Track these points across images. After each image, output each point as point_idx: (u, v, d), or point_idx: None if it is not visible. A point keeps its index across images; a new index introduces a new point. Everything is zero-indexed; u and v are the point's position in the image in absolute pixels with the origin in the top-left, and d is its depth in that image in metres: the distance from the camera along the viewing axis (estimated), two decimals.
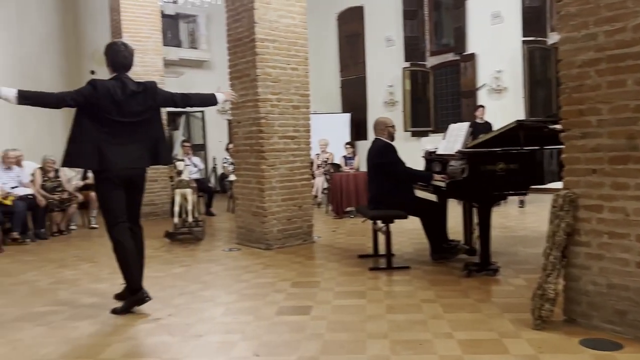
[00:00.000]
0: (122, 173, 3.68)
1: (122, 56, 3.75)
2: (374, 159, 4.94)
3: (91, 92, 3.58)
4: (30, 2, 10.73)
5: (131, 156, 3.72)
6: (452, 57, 11.36)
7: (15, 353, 3.05)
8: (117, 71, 3.74)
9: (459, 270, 4.49)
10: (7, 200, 6.70)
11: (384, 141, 4.96)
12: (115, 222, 3.70)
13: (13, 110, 10.44)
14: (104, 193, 3.74)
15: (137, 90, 3.74)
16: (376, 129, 5.06)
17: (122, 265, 3.72)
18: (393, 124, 5.10)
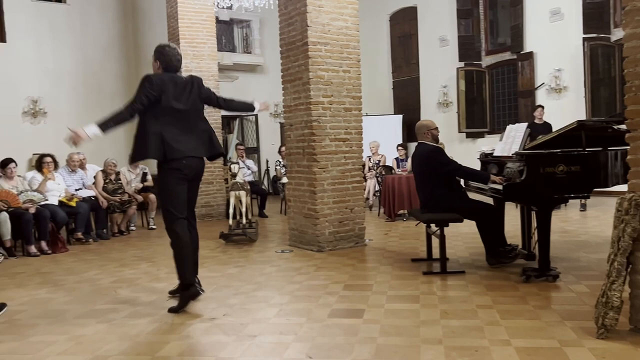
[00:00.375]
0: (187, 162, 3.78)
1: (175, 59, 3.90)
2: (422, 165, 4.85)
3: (150, 86, 3.71)
4: (93, 11, 11.22)
5: (193, 144, 3.82)
6: (509, 56, 11.08)
7: (80, 348, 3.18)
8: (169, 72, 3.89)
9: (517, 275, 4.36)
10: (72, 201, 7.01)
11: (430, 145, 4.85)
12: (176, 217, 3.78)
13: (76, 116, 10.95)
14: (169, 187, 3.78)
15: (187, 80, 3.93)
16: (419, 133, 4.96)
17: (178, 259, 3.80)
18: (436, 126, 4.98)
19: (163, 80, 3.78)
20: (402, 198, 7.98)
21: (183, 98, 3.83)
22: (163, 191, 3.82)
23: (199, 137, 3.90)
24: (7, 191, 6.33)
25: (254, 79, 13.35)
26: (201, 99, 3.99)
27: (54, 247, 6.48)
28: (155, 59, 3.91)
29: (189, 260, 3.82)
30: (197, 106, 3.95)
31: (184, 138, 3.78)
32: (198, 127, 3.92)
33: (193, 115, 3.90)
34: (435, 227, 4.76)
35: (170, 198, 3.78)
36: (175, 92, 3.80)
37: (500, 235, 4.83)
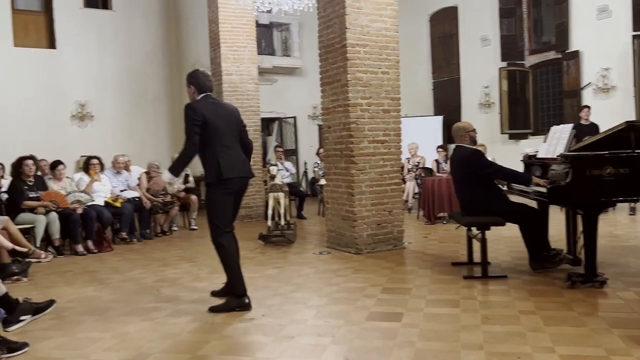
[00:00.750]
0: (237, 181, 3.94)
1: (207, 80, 4.07)
2: (461, 169, 4.76)
3: (194, 113, 3.85)
4: (137, 18, 11.52)
5: (241, 165, 3.99)
6: (554, 56, 10.79)
7: (123, 345, 3.27)
8: (203, 92, 4.04)
9: (562, 281, 4.24)
10: (117, 202, 7.21)
11: (469, 149, 4.76)
12: (223, 230, 3.89)
13: (121, 120, 11.28)
14: (217, 202, 3.90)
15: (225, 103, 4.27)
16: (456, 135, 4.88)
17: (229, 270, 3.94)
18: (474, 128, 4.89)
19: (204, 105, 3.95)
20: (442, 200, 7.88)
21: (225, 119, 4.00)
22: (211, 206, 3.93)
23: (245, 159, 4.09)
24: (56, 192, 6.57)
25: (293, 81, 13.44)
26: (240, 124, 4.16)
27: (99, 246, 6.68)
28: (189, 85, 4.07)
29: (240, 269, 3.96)
30: (239, 127, 4.13)
31: (235, 158, 3.95)
32: (239, 147, 4.08)
33: (236, 136, 4.07)
34: (477, 230, 4.68)
35: (217, 213, 3.90)
36: (218, 113, 3.96)
37: (544, 239, 4.71)
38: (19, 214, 6.22)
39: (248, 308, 3.89)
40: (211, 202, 3.93)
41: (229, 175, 3.85)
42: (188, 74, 4.12)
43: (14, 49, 10.14)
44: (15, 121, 10.00)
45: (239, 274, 3.94)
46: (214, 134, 3.89)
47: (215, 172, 3.85)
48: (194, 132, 3.83)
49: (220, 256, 3.95)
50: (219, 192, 3.89)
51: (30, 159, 6.47)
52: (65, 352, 3.18)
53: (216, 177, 3.85)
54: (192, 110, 3.88)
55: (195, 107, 3.90)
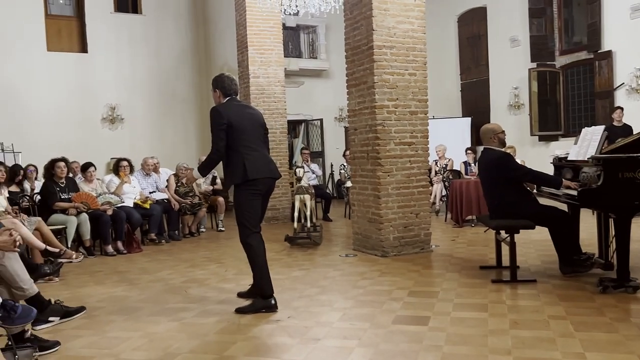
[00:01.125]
0: (264, 182, 3.98)
1: (233, 83, 4.13)
2: (491, 171, 4.68)
3: (219, 116, 3.89)
4: (167, 22, 11.71)
5: (268, 165, 4.03)
6: (585, 56, 10.57)
7: (152, 345, 3.32)
8: (229, 96, 4.10)
9: (593, 285, 4.14)
10: (146, 204, 7.32)
11: (497, 151, 4.68)
12: (251, 231, 3.93)
13: (151, 122, 11.47)
14: (245, 203, 3.93)
15: (248, 106, 4.37)
16: (484, 138, 4.80)
17: (257, 270, 3.95)
18: (502, 130, 4.80)
19: (229, 108, 4.00)
20: (470, 203, 7.78)
21: (250, 121, 4.04)
22: (239, 207, 3.97)
23: (270, 160, 4.14)
24: (87, 193, 6.70)
25: (320, 83, 13.46)
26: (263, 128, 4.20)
27: (129, 247, 6.79)
28: (214, 89, 4.12)
29: (267, 271, 3.98)
30: (262, 129, 4.17)
31: (260, 159, 3.98)
32: (264, 148, 4.14)
33: (260, 138, 4.11)
34: (505, 233, 4.61)
35: (245, 213, 3.93)
36: (243, 116, 4.00)
37: (575, 243, 4.62)
38: (51, 215, 6.37)
39: (274, 309, 3.90)
40: (239, 203, 3.97)
41: (255, 175, 3.89)
42: (213, 79, 4.18)
43: (47, 54, 10.43)
44: (49, 124, 10.28)
45: (266, 275, 3.96)
46: (239, 135, 3.92)
47: (242, 173, 3.88)
48: (220, 137, 3.88)
49: (249, 257, 3.98)
50: (247, 193, 3.92)
51: (62, 161, 6.62)
52: (94, 350, 3.24)
53: (242, 178, 3.88)
54: (217, 114, 3.92)
55: (220, 110, 3.94)
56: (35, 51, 10.28)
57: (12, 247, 3.03)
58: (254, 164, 3.91)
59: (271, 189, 4.14)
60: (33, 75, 10.22)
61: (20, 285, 3.34)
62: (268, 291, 3.94)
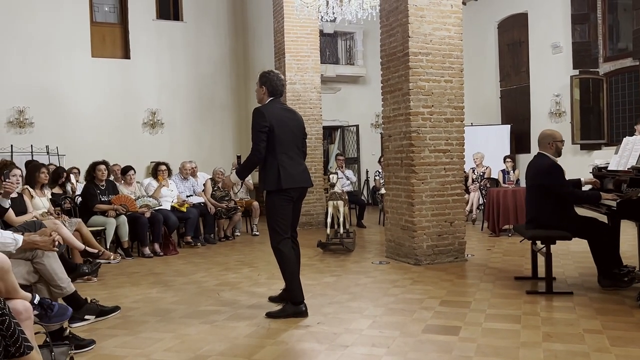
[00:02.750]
0: (299, 191, 4.01)
1: (280, 83, 4.05)
2: (536, 178, 4.56)
3: (262, 119, 3.87)
4: (207, 29, 11.95)
5: (303, 175, 4.02)
6: (631, 63, 10.25)
7: (183, 346, 3.38)
8: (274, 96, 4.05)
9: (632, 299, 4.00)
10: (183, 207, 7.46)
11: (550, 160, 4.54)
12: (282, 237, 3.94)
13: (190, 127, 11.70)
14: (277, 209, 3.94)
15: (293, 111, 4.24)
16: (542, 143, 4.64)
17: (288, 276, 3.96)
18: (562, 139, 4.66)
19: (272, 110, 3.95)
20: (507, 212, 7.62)
21: (291, 127, 4.02)
22: (271, 213, 3.98)
23: (305, 168, 4.10)
24: (126, 196, 6.88)
25: (356, 90, 13.47)
26: (302, 133, 4.17)
27: (165, 249, 6.93)
28: (260, 85, 4.05)
29: (298, 277, 3.99)
30: (302, 136, 4.15)
31: (295, 168, 3.96)
32: (300, 156, 4.10)
33: (298, 144, 4.08)
34: (541, 244, 4.50)
35: (276, 219, 3.94)
36: (285, 121, 3.98)
37: (615, 255, 4.46)
38: (91, 216, 6.56)
39: (304, 315, 3.91)
40: (270, 209, 3.98)
41: (289, 185, 3.90)
42: (261, 74, 4.09)
43: (92, 60, 10.78)
44: (92, 128, 10.61)
45: (296, 281, 3.97)
46: (278, 141, 3.90)
47: (276, 181, 3.88)
48: (261, 139, 3.85)
49: (279, 262, 3.99)
50: (279, 199, 3.94)
51: (103, 164, 6.82)
52: (127, 350, 3.32)
53: (276, 186, 3.89)
54: (260, 115, 3.89)
55: (264, 112, 3.90)
56: (81, 57, 10.64)
57: (51, 246, 3.14)
58: (289, 172, 3.90)
59: (303, 195, 4.15)
60: (78, 81, 10.57)
61: (58, 284, 3.45)
62: (299, 297, 3.94)
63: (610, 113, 10.79)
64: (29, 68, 10.19)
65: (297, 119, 4.13)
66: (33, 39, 10.21)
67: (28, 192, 5.72)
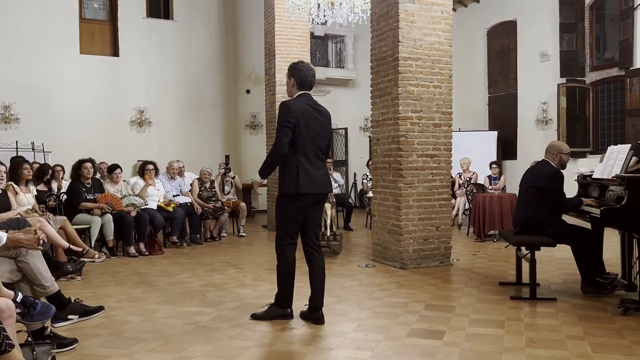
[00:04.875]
0: (317, 196, 3.80)
1: (310, 74, 3.83)
2: (537, 181, 4.57)
3: (288, 113, 3.66)
4: (197, 28, 11.90)
5: (322, 180, 3.80)
6: (617, 73, 10.37)
7: (167, 347, 3.35)
8: (303, 89, 3.84)
9: (614, 306, 4.05)
10: (169, 207, 7.42)
11: (554, 167, 4.58)
12: (289, 241, 3.80)
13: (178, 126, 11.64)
14: (289, 213, 3.76)
15: (323, 110, 3.88)
16: (548, 152, 4.67)
17: (283, 279, 3.87)
18: (568, 152, 4.68)
19: (300, 106, 3.73)
20: (493, 218, 7.68)
21: (317, 127, 3.79)
22: (280, 215, 3.83)
23: (325, 172, 3.87)
24: (112, 195, 6.83)
25: (345, 92, 13.50)
26: (328, 135, 3.94)
27: (151, 249, 6.88)
28: (290, 77, 3.86)
29: (292, 282, 3.90)
30: (328, 137, 3.92)
31: (315, 172, 3.74)
32: (321, 159, 3.86)
33: (321, 147, 3.84)
34: (526, 250, 4.54)
35: (284, 223, 3.80)
36: (311, 120, 3.75)
37: (598, 262, 4.52)
38: (76, 214, 6.50)
39: (289, 317, 3.90)
40: (281, 212, 3.82)
41: (306, 190, 3.69)
42: (290, 65, 3.89)
43: (80, 56, 10.68)
44: (78, 125, 10.51)
45: (289, 286, 3.88)
46: (301, 141, 3.68)
47: (293, 185, 3.68)
48: (285, 134, 3.64)
49: (278, 264, 3.89)
50: (290, 203, 3.74)
51: (89, 162, 6.76)
52: (110, 350, 3.29)
53: (293, 189, 3.68)
54: (287, 110, 3.68)
55: (290, 107, 3.69)
56: (69, 54, 10.54)
57: (35, 245, 3.11)
58: (308, 176, 3.69)
59: (323, 200, 3.92)
60: (65, 77, 10.47)
61: (41, 283, 3.42)
62: (286, 302, 3.90)
63: (595, 122, 10.92)
64: (15, 63, 10.07)
65: (324, 120, 3.85)
66: (20, 34, 10.10)
67: (12, 189, 5.65)
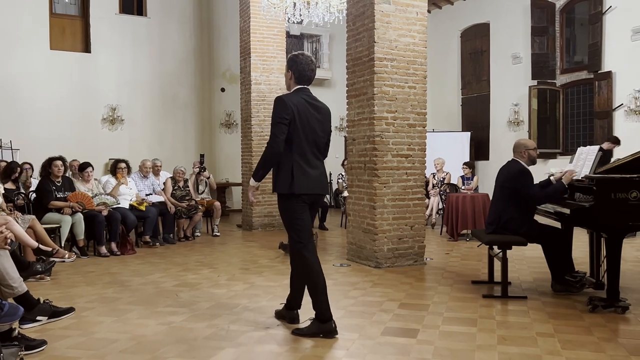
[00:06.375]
0: (313, 197, 3.61)
1: (309, 68, 3.62)
2: (506, 181, 4.65)
3: (284, 109, 3.44)
4: (172, 25, 11.77)
5: (318, 181, 3.59)
6: (586, 76, 10.63)
7: (139, 348, 3.31)
8: (301, 84, 3.63)
9: (583, 304, 4.15)
10: (142, 206, 7.32)
11: (521, 165, 4.65)
12: (304, 242, 3.55)
13: (151, 125, 11.49)
14: (294, 213, 3.54)
15: (322, 107, 3.68)
16: (515, 151, 4.76)
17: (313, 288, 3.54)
18: (535, 147, 4.77)
19: (297, 101, 3.51)
20: (466, 217, 7.79)
21: (315, 124, 3.57)
22: (286, 218, 3.60)
23: (322, 172, 3.67)
24: (83, 193, 6.71)
25: (321, 92, 13.31)
26: (326, 133, 3.71)
27: (123, 248, 6.78)
28: (288, 69, 3.64)
29: (325, 289, 3.54)
30: (326, 135, 3.71)
31: (311, 171, 3.54)
32: (319, 158, 3.65)
33: (319, 145, 3.64)
34: (498, 249, 4.62)
35: (293, 224, 3.56)
36: (309, 117, 3.54)
37: (568, 261, 4.62)
38: (45, 213, 6.37)
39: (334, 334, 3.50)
40: (285, 213, 3.59)
41: (301, 191, 3.48)
42: (290, 57, 3.66)
43: (50, 52, 10.46)
44: (48, 122, 10.29)
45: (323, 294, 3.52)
46: (297, 139, 3.47)
47: (288, 185, 3.47)
48: (281, 131, 3.41)
49: (301, 271, 3.62)
50: (291, 203, 3.53)
51: (60, 160, 6.63)
52: (81, 351, 3.23)
53: (288, 190, 3.48)
54: (282, 105, 3.45)
55: (286, 102, 3.46)
56: (38, 49, 10.31)
57: (2, 244, 3.03)
58: (304, 176, 3.49)
59: (318, 201, 3.72)
60: (35, 73, 10.24)
61: (9, 283, 3.34)
62: (326, 313, 3.51)
63: (565, 123, 11.16)
64: None
65: (322, 117, 3.63)
66: None
67: None
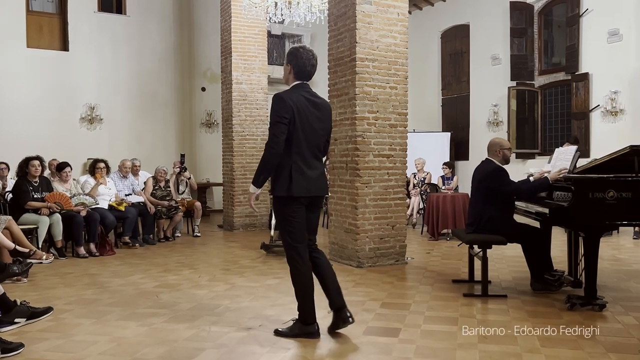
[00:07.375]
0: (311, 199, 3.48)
1: (309, 64, 3.43)
2: (482, 182, 4.69)
3: (283, 108, 3.30)
4: (151, 24, 11.65)
5: (317, 182, 3.47)
6: (563, 77, 10.79)
7: (119, 350, 3.27)
8: (300, 79, 3.46)
9: (561, 302, 4.20)
10: (121, 206, 7.23)
11: (495, 164, 4.68)
12: (298, 246, 3.44)
13: (130, 124, 11.37)
14: (289, 216, 3.42)
15: (322, 104, 3.52)
16: (490, 150, 4.79)
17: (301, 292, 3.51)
18: (509, 146, 4.81)
19: (296, 99, 3.36)
20: (446, 217, 7.85)
21: (315, 123, 3.43)
22: (280, 219, 3.51)
23: (322, 172, 3.54)
24: (60, 194, 6.60)
25: None
26: (326, 132, 3.57)
27: (102, 249, 6.69)
28: (287, 62, 3.46)
29: (312, 294, 3.50)
30: (326, 134, 3.57)
31: (310, 173, 3.41)
32: (318, 158, 3.52)
33: (319, 145, 3.50)
34: (478, 248, 4.66)
35: (287, 227, 3.46)
36: (309, 115, 3.39)
37: (546, 260, 4.68)
38: (22, 214, 6.26)
39: (316, 336, 3.48)
40: (279, 215, 3.49)
41: (300, 193, 3.36)
42: (290, 49, 3.48)
43: (27, 50, 10.28)
44: (25, 121, 10.12)
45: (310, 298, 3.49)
46: (296, 139, 3.33)
47: (286, 187, 3.34)
48: (280, 131, 3.26)
49: (291, 274, 3.53)
50: (287, 205, 3.41)
51: (37, 160, 6.51)
52: (59, 354, 3.18)
53: (286, 192, 3.35)
54: (282, 104, 3.30)
55: (285, 101, 3.30)
56: (15, 47, 10.13)
57: None
58: (303, 178, 3.36)
59: (319, 202, 3.58)
60: (11, 71, 10.05)
61: None
62: (309, 317, 3.48)
63: (544, 124, 11.32)
64: None
65: (323, 115, 3.47)
66: None
67: None
